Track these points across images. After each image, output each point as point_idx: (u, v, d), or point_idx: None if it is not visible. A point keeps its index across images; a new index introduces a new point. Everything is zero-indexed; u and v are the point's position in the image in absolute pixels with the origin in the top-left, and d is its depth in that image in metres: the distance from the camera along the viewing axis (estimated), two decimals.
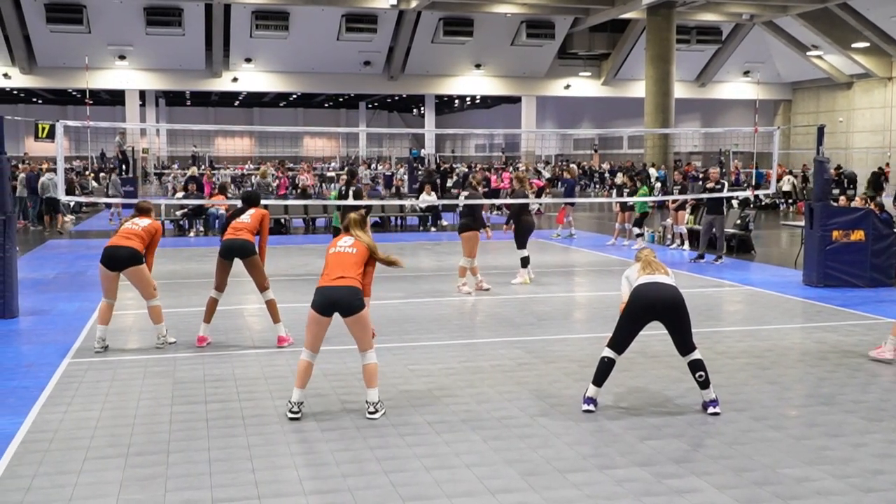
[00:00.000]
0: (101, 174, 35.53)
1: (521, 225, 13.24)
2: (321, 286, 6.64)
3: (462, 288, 12.47)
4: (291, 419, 6.51)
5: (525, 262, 13.42)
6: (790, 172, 31.97)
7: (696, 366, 6.65)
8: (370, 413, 6.58)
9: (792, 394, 7.32)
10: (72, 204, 26.28)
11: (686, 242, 17.95)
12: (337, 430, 6.30)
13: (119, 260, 8.87)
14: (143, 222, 9.19)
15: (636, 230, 18.44)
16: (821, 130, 13.50)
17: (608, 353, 6.74)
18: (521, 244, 13.33)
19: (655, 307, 6.62)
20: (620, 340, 6.77)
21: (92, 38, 34.22)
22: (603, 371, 6.73)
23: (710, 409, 6.65)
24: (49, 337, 9.57)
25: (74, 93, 51.13)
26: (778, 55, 41.33)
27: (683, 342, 6.69)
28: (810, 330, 10.02)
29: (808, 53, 39.28)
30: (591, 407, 6.72)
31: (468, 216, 12.55)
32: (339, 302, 6.54)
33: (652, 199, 20.21)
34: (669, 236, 18.60)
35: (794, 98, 44.77)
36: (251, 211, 9.45)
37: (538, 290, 12.78)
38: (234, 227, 9.24)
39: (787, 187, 30.17)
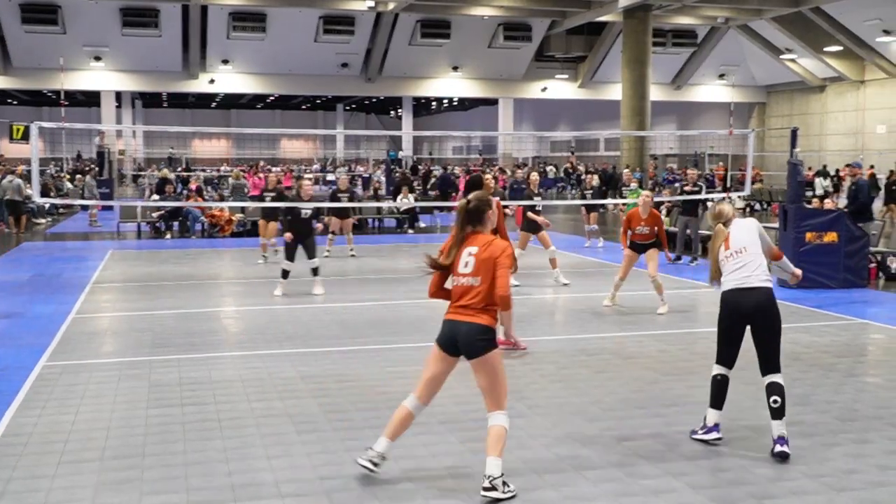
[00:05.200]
0: (77, 175, 35.25)
1: None
2: (445, 319, 5.34)
3: None
4: (363, 467, 5.34)
5: None
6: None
7: (771, 389, 5.88)
8: (486, 490, 5.00)
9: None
10: (47, 206, 26.05)
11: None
12: (314, 432, 6.29)
13: None
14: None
15: None
16: (794, 133, 13.63)
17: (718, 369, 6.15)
18: None
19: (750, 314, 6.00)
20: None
21: (67, 38, 33.95)
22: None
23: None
24: (23, 340, 9.48)
25: (50, 94, 50.70)
26: (752, 58, 41.67)
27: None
28: (784, 331, 10.01)
29: (782, 57, 39.62)
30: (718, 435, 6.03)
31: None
32: (459, 341, 5.22)
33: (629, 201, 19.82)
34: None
35: (768, 101, 45.14)
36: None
37: (515, 291, 12.79)
38: None
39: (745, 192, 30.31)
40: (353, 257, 16.63)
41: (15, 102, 59.95)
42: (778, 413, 5.76)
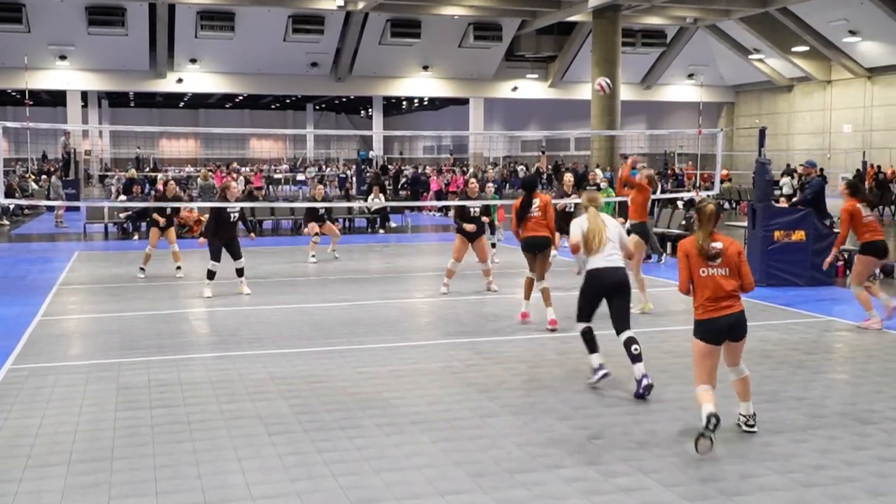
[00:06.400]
0: (43, 176, 34.83)
1: None
2: (708, 318, 6.02)
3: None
4: (707, 435, 5.73)
5: None
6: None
7: (629, 341, 7.29)
8: (749, 426, 6.21)
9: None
10: (11, 207, 25.71)
11: None
12: (284, 433, 6.25)
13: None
14: None
15: None
16: (762, 132, 13.74)
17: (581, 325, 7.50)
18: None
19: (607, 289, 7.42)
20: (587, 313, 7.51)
21: (32, 37, 33.47)
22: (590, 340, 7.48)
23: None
24: None
25: (14, 93, 50.03)
26: (721, 58, 42.02)
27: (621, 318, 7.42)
28: (753, 328, 10.09)
29: (750, 57, 40.00)
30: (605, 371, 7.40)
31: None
32: (732, 330, 6.07)
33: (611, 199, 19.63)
34: None
35: (736, 101, 45.55)
36: (537, 201, 10.02)
37: (486, 291, 12.81)
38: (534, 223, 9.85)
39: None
40: (336, 259, 16.62)
41: None
42: (639, 358, 7.20)
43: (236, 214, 12.30)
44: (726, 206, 31.49)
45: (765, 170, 13.40)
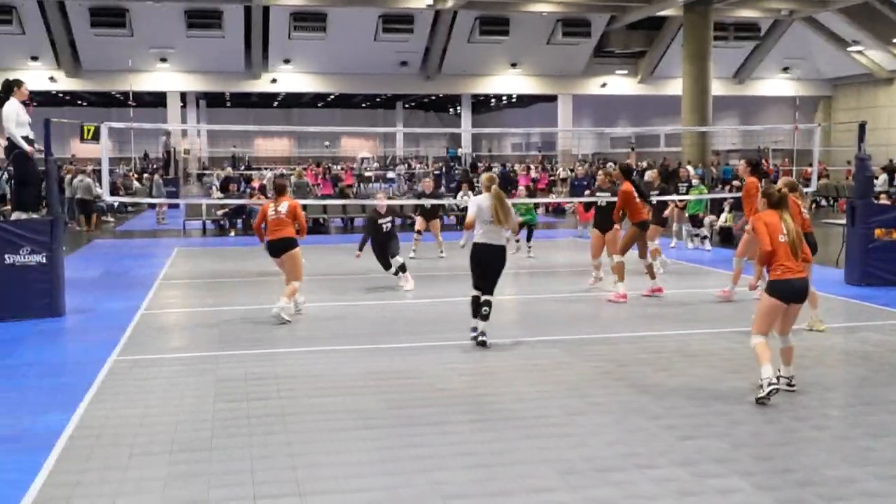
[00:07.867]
0: (145, 175, 36.04)
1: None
2: (787, 279, 6.88)
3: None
4: (770, 396, 6.76)
5: None
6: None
7: (487, 303, 8.99)
8: (791, 386, 7.13)
9: (834, 394, 7.24)
10: (116, 204, 26.70)
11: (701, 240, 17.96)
12: (375, 428, 6.35)
13: (276, 250, 10.47)
14: (283, 207, 10.42)
15: (696, 231, 18.03)
16: (862, 127, 13.31)
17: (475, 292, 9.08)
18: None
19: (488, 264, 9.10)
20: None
21: (134, 41, 34.67)
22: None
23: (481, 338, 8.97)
24: (95, 335, 9.73)
25: (118, 95, 51.74)
26: (818, 51, 40.76)
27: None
28: (852, 329, 9.89)
29: (849, 49, 38.70)
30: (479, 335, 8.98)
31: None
32: (799, 293, 7.00)
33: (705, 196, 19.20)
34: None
35: (834, 94, 44.12)
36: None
37: (574, 289, 12.74)
38: None
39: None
40: (441, 258, 16.66)
41: (85, 104, 61.33)
42: (486, 317, 8.99)
43: (388, 225, 13.04)
44: (823, 202, 30.60)
45: (864, 166, 12.98)
